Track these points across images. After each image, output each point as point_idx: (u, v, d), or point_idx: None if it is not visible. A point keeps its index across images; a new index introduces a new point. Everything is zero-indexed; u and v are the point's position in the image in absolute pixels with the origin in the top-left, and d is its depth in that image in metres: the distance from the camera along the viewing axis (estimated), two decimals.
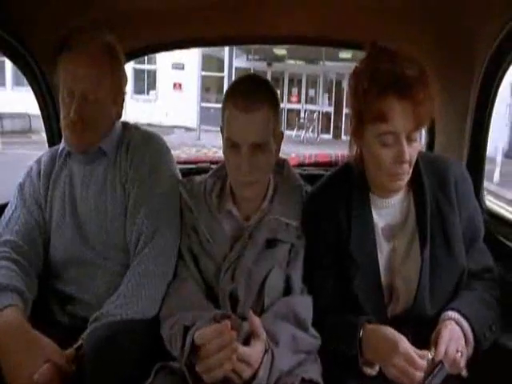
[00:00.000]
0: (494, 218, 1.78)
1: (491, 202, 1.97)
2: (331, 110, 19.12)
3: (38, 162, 1.70)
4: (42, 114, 2.03)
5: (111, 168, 1.62)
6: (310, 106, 19.14)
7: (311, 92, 19.64)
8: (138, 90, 20.18)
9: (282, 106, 1.57)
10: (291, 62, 19.55)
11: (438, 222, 1.41)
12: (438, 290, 1.39)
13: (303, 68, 19.24)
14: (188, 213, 1.59)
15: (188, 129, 18.38)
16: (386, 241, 1.44)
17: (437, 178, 1.44)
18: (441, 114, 1.94)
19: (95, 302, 1.52)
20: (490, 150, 2.00)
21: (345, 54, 18.17)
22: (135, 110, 17.88)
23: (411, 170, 1.37)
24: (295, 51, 18.09)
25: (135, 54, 2.28)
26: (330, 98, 19.38)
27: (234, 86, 1.52)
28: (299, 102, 19.12)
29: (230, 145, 1.45)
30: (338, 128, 18.80)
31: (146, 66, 19.86)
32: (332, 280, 1.45)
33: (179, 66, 19.16)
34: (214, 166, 1.71)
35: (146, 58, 19.21)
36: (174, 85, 19.71)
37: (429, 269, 1.38)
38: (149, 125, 17.32)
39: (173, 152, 1.67)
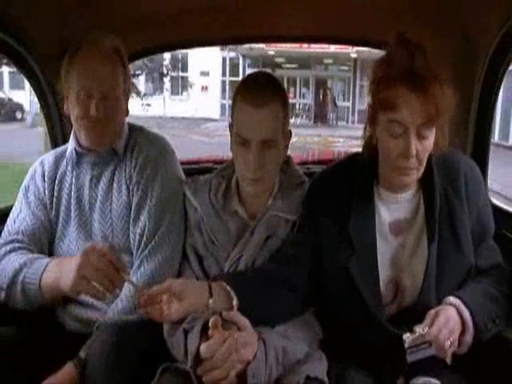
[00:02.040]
0: (499, 212, 1.70)
1: None
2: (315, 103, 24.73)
3: (42, 163, 1.67)
4: (44, 115, 2.00)
5: (118, 169, 1.60)
6: (303, 100, 24.61)
7: (303, 90, 25.04)
8: (174, 92, 24.60)
9: None
10: (288, 65, 24.57)
11: (446, 217, 1.38)
12: (444, 285, 1.36)
13: (297, 72, 24.61)
14: (193, 213, 1.57)
15: (212, 120, 22.74)
16: (393, 236, 1.41)
17: (447, 174, 1.40)
18: None
19: (99, 305, 1.52)
20: None
21: (328, 60, 24.16)
22: (173, 107, 23.48)
23: (422, 169, 1.33)
24: (291, 59, 23.59)
25: (137, 55, 2.24)
26: (317, 94, 24.80)
27: (244, 82, 1.51)
28: (295, 97, 23.95)
29: (239, 141, 1.43)
30: (322, 116, 24.51)
31: (180, 74, 24.11)
32: (308, 251, 1.41)
33: (205, 73, 24.08)
34: (216, 166, 1.71)
35: (180, 67, 24.52)
36: (202, 87, 24.32)
37: (435, 264, 1.35)
38: (183, 118, 22.76)
39: (215, 133, 2.72)
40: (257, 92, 1.42)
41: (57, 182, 1.65)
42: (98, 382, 1.31)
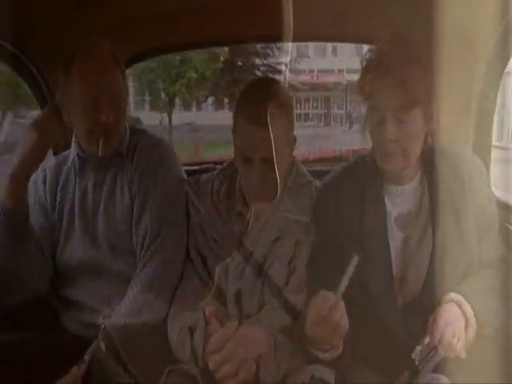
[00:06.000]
0: (504, 206, 1.69)
1: None
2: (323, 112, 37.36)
3: (43, 169, 1.66)
4: None
5: (120, 171, 1.61)
6: (314, 111, 35.99)
7: (315, 104, 36.44)
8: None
9: (299, 111, 5.45)
10: (303, 87, 35.87)
11: (450, 209, 1.37)
12: (447, 276, 1.35)
13: (310, 93, 34.89)
14: (195, 213, 1.57)
15: None
16: (399, 230, 1.41)
17: (451, 167, 1.40)
18: (446, 98, 1.71)
19: (104, 308, 1.55)
20: None
21: (330, 85, 37.26)
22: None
23: (410, 158, 1.33)
24: (306, 85, 34.98)
25: (137, 58, 2.28)
26: (326, 108, 37.07)
27: (245, 93, 1.47)
28: (310, 108, 35.67)
29: (242, 158, 1.41)
30: (327, 120, 37.07)
31: None
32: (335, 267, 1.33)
33: None
34: (217, 167, 1.69)
35: None
36: None
37: (440, 255, 1.35)
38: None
39: None
40: (258, 108, 1.36)
41: (59, 187, 1.66)
42: None
